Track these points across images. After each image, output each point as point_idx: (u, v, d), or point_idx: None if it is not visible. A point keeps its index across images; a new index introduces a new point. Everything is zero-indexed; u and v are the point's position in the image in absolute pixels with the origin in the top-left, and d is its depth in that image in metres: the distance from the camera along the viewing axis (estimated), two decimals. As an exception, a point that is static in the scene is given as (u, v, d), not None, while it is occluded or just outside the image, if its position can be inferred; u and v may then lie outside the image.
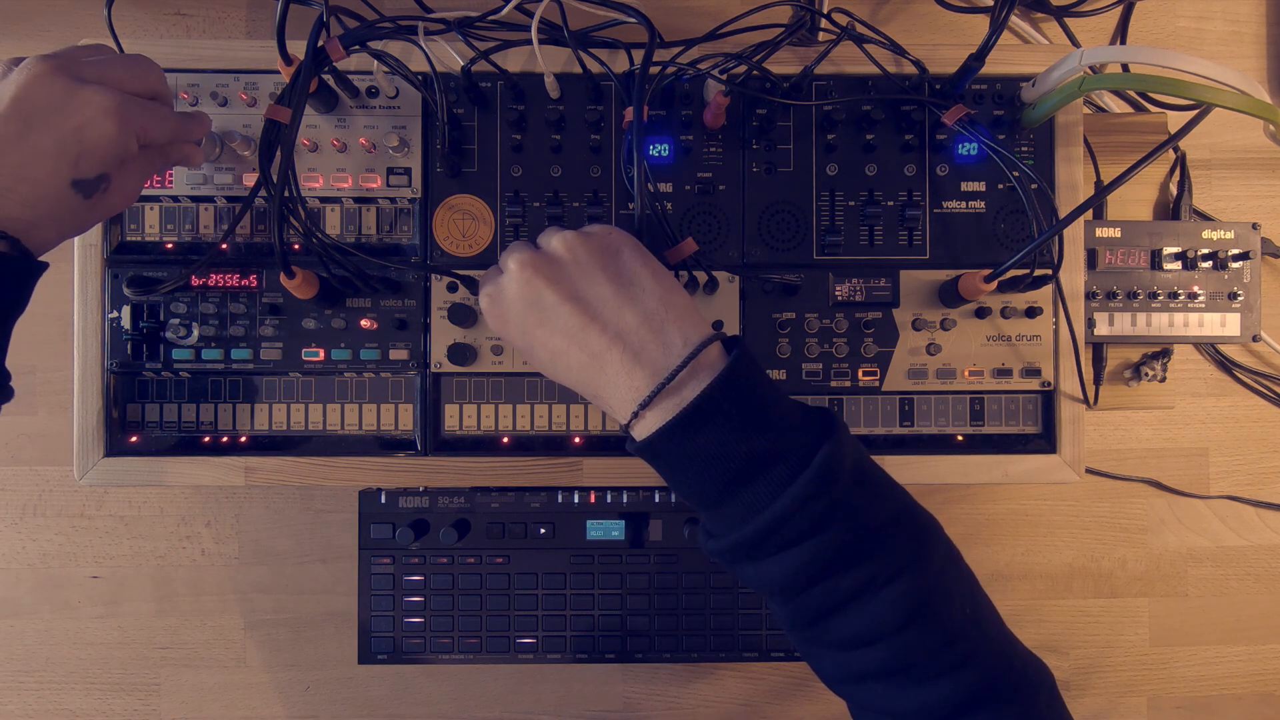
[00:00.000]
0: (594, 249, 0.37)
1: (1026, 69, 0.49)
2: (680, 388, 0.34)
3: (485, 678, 0.62)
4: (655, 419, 0.34)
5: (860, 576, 0.33)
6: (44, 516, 0.61)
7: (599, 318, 0.35)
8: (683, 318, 0.36)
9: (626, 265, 0.37)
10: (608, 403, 0.36)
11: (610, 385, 0.35)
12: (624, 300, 0.36)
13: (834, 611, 0.34)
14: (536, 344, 0.37)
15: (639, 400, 0.34)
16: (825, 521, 0.33)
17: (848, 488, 0.33)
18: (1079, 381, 0.50)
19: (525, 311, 0.37)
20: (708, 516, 0.36)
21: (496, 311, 0.38)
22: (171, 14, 0.61)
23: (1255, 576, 0.64)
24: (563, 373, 0.37)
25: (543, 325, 0.36)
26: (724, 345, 0.36)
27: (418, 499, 0.58)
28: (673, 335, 0.35)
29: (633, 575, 0.58)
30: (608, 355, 0.35)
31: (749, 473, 0.33)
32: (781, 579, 0.34)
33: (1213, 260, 0.56)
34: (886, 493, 0.36)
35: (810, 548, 0.33)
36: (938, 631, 0.33)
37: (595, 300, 0.36)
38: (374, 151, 0.49)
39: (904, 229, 0.50)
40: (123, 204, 0.41)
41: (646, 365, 0.35)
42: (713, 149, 0.49)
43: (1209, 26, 0.64)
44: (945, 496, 0.64)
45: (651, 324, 0.35)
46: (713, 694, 0.63)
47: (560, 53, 0.48)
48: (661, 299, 0.36)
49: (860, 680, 0.34)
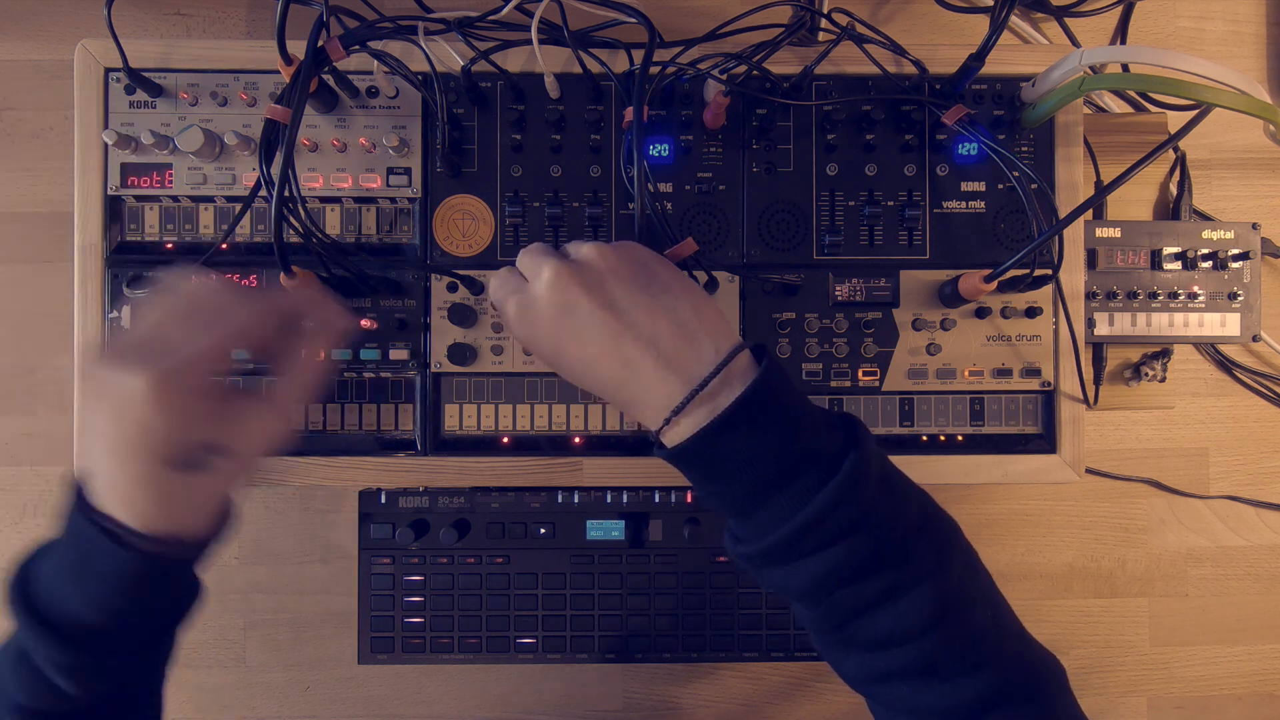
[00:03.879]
0: (625, 259, 0.37)
1: (1026, 69, 0.49)
2: (713, 395, 0.35)
3: (485, 678, 0.62)
4: (688, 426, 0.35)
5: (888, 580, 0.34)
6: (44, 516, 0.61)
7: (633, 325, 0.36)
8: (714, 326, 0.36)
9: (657, 275, 0.37)
10: (640, 410, 0.37)
11: (643, 392, 0.36)
12: (657, 309, 0.36)
13: (862, 614, 0.34)
14: (567, 352, 0.37)
15: (671, 407, 0.35)
16: (854, 526, 0.33)
17: (874, 493, 0.34)
18: (1079, 381, 0.50)
19: (558, 319, 0.37)
20: (736, 522, 0.36)
21: (527, 318, 0.38)
22: (171, 14, 0.61)
23: (1255, 576, 0.64)
24: (593, 381, 0.37)
25: (575, 333, 0.36)
26: (752, 353, 0.37)
27: (418, 499, 0.58)
28: (705, 343, 0.36)
29: (633, 575, 0.58)
30: (641, 363, 0.35)
31: (780, 479, 0.34)
32: (811, 583, 0.34)
33: (1213, 260, 0.56)
34: (911, 496, 0.36)
35: (839, 552, 0.33)
36: (962, 632, 0.34)
37: (629, 308, 0.36)
38: (374, 151, 0.49)
39: (904, 229, 0.50)
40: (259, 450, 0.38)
41: (679, 373, 0.35)
42: (713, 149, 0.49)
43: (1209, 26, 0.64)
44: (945, 496, 0.63)
45: (684, 332, 0.36)
46: (713, 694, 0.63)
47: (560, 53, 0.48)
48: (693, 308, 0.37)
49: (885, 680, 0.35)
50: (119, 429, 0.33)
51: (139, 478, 0.34)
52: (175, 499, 0.35)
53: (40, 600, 0.35)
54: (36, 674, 0.35)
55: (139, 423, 0.33)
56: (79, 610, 0.35)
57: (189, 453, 0.35)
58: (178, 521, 0.36)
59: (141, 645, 0.38)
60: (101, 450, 0.34)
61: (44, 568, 0.36)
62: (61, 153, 0.60)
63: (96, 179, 0.48)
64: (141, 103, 0.48)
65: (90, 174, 0.48)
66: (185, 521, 0.36)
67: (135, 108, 0.48)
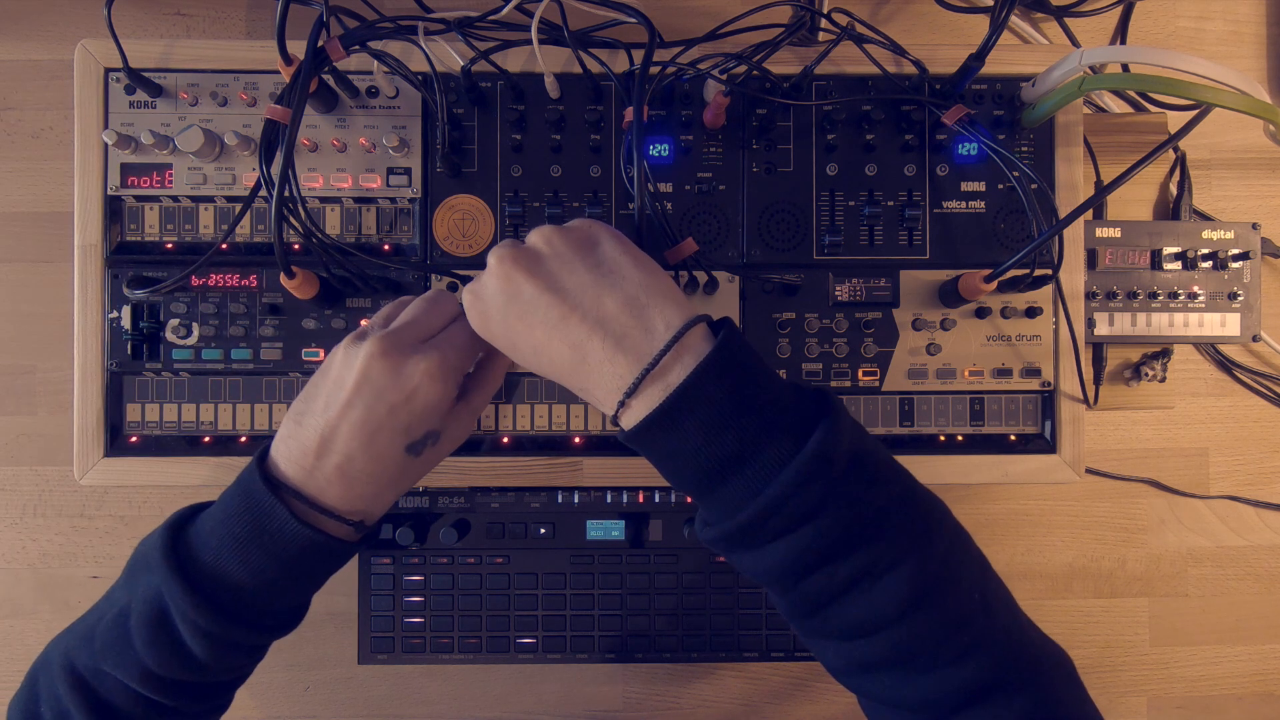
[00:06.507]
0: (571, 240, 0.37)
1: (1026, 69, 0.49)
2: (665, 373, 0.33)
3: (485, 678, 0.62)
4: (642, 407, 0.33)
5: (860, 563, 0.32)
6: (44, 516, 0.61)
7: (578, 307, 0.35)
8: (665, 302, 0.35)
9: (606, 254, 0.36)
10: (594, 394, 0.36)
11: (594, 376, 0.35)
12: (603, 288, 0.35)
13: (833, 600, 0.33)
14: (519, 339, 0.36)
15: (624, 389, 0.34)
16: (821, 507, 0.32)
17: (845, 471, 0.32)
18: (1079, 381, 0.50)
19: (506, 306, 0.36)
20: (703, 504, 0.35)
21: (479, 307, 0.37)
22: (171, 14, 0.61)
23: (1255, 576, 0.64)
24: (547, 367, 0.37)
25: (523, 319, 0.36)
26: (711, 327, 0.35)
27: (418, 499, 0.58)
28: (655, 319, 0.34)
29: (633, 575, 0.58)
30: (589, 344, 0.34)
31: (740, 458, 0.32)
32: (779, 568, 0.33)
33: (1213, 260, 0.56)
34: (888, 475, 0.34)
35: (807, 534, 0.32)
36: (943, 618, 0.32)
37: (574, 289, 0.35)
38: (374, 151, 0.49)
39: (904, 229, 0.50)
40: (450, 448, 0.42)
41: (629, 352, 0.34)
42: (713, 149, 0.49)
43: (1209, 26, 0.64)
44: (945, 496, 0.63)
45: (632, 309, 0.34)
46: (713, 694, 0.63)
47: (560, 53, 0.48)
48: (642, 284, 0.35)
49: (865, 671, 0.34)
50: (385, 406, 0.36)
51: (380, 455, 0.37)
52: (394, 480, 0.39)
53: (194, 564, 0.36)
54: (173, 638, 0.36)
55: (411, 403, 0.37)
56: (234, 574, 0.36)
57: (422, 438, 0.38)
58: (379, 503, 0.39)
59: (276, 622, 0.40)
60: (352, 424, 0.36)
61: (204, 533, 0.37)
62: (61, 153, 0.60)
63: (96, 179, 0.48)
64: (141, 103, 0.48)
65: (90, 174, 0.48)
66: (382, 503, 0.40)
67: (135, 108, 0.48)
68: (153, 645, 0.36)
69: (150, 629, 0.36)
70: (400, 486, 0.40)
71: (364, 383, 0.36)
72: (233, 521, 0.37)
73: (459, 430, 0.41)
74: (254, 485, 0.36)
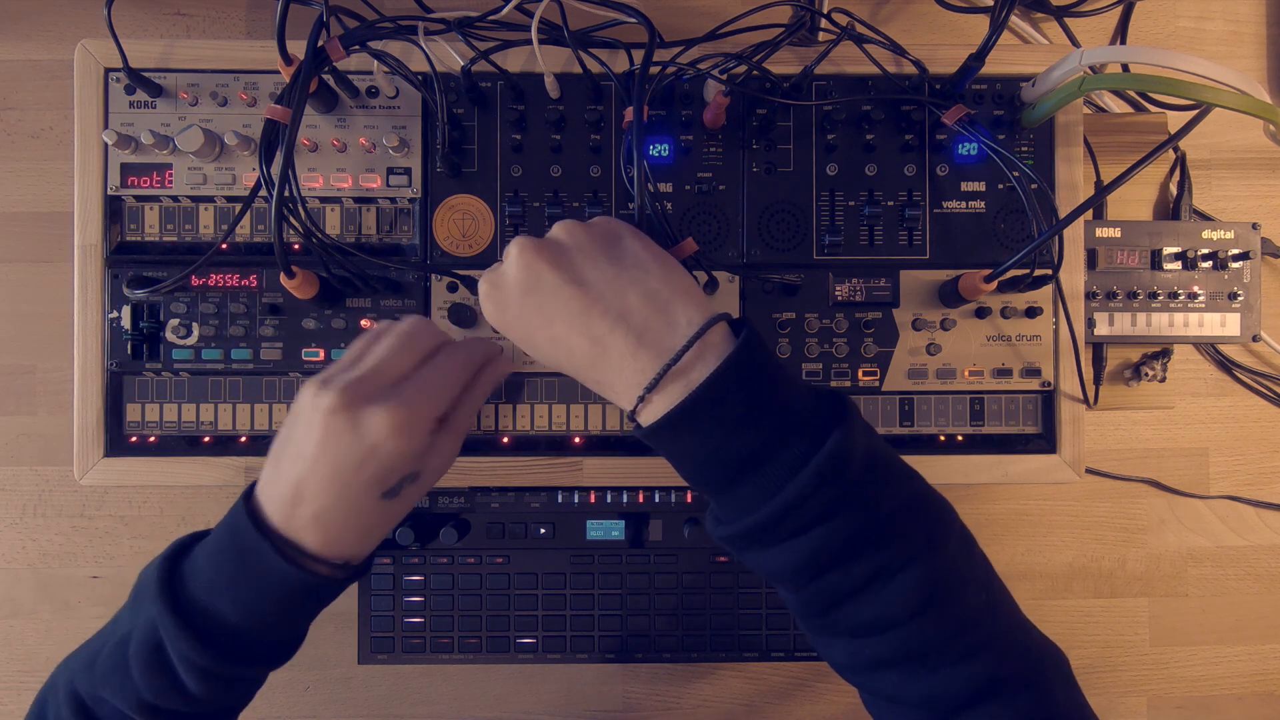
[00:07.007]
0: (594, 234, 0.37)
1: (1026, 69, 0.49)
2: (687, 370, 0.33)
3: (485, 678, 0.62)
4: (663, 403, 0.33)
5: (873, 564, 0.32)
6: (44, 516, 0.61)
7: (601, 299, 0.34)
8: (686, 298, 0.35)
9: (628, 249, 0.37)
10: (612, 388, 0.35)
11: (614, 370, 0.34)
12: (626, 282, 0.35)
13: (846, 600, 0.33)
14: (536, 330, 0.36)
15: (644, 384, 0.33)
16: (836, 508, 0.32)
17: (860, 473, 0.32)
18: (1079, 381, 0.50)
19: (524, 297, 0.36)
20: (717, 502, 0.35)
21: (496, 297, 0.37)
22: (171, 14, 0.61)
23: (1255, 576, 0.64)
24: (564, 360, 0.36)
25: (542, 309, 0.35)
26: (730, 327, 0.35)
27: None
28: (677, 315, 0.34)
29: (633, 575, 0.58)
30: (610, 338, 0.34)
31: (759, 458, 0.32)
32: (792, 567, 0.33)
33: (1213, 260, 0.56)
34: (900, 477, 0.35)
35: (821, 535, 0.32)
36: (952, 619, 0.33)
37: (597, 282, 0.35)
38: (374, 151, 0.49)
39: (904, 229, 0.50)
40: (435, 479, 0.40)
41: (651, 347, 0.34)
42: (713, 149, 0.49)
43: (1209, 26, 0.64)
44: (945, 496, 0.64)
45: (655, 304, 0.34)
46: (713, 694, 0.63)
47: (560, 53, 0.48)
48: (664, 280, 0.35)
49: (873, 668, 0.34)
50: (351, 462, 0.35)
51: (354, 507, 0.36)
52: (374, 526, 0.38)
53: (188, 599, 0.36)
54: (168, 671, 0.36)
55: (377, 457, 0.35)
56: (226, 612, 0.35)
57: (397, 485, 0.37)
58: (363, 546, 0.38)
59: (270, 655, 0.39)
60: (321, 478, 0.35)
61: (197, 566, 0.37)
62: (61, 153, 0.60)
63: (96, 179, 0.48)
64: (141, 103, 0.48)
65: (90, 174, 0.48)
66: (367, 544, 0.39)
67: (135, 108, 0.48)
68: (149, 676, 0.35)
69: (147, 660, 0.36)
70: (384, 528, 0.39)
71: (327, 438, 0.35)
72: (222, 558, 0.36)
73: (441, 461, 0.40)
74: (241, 523, 0.36)
